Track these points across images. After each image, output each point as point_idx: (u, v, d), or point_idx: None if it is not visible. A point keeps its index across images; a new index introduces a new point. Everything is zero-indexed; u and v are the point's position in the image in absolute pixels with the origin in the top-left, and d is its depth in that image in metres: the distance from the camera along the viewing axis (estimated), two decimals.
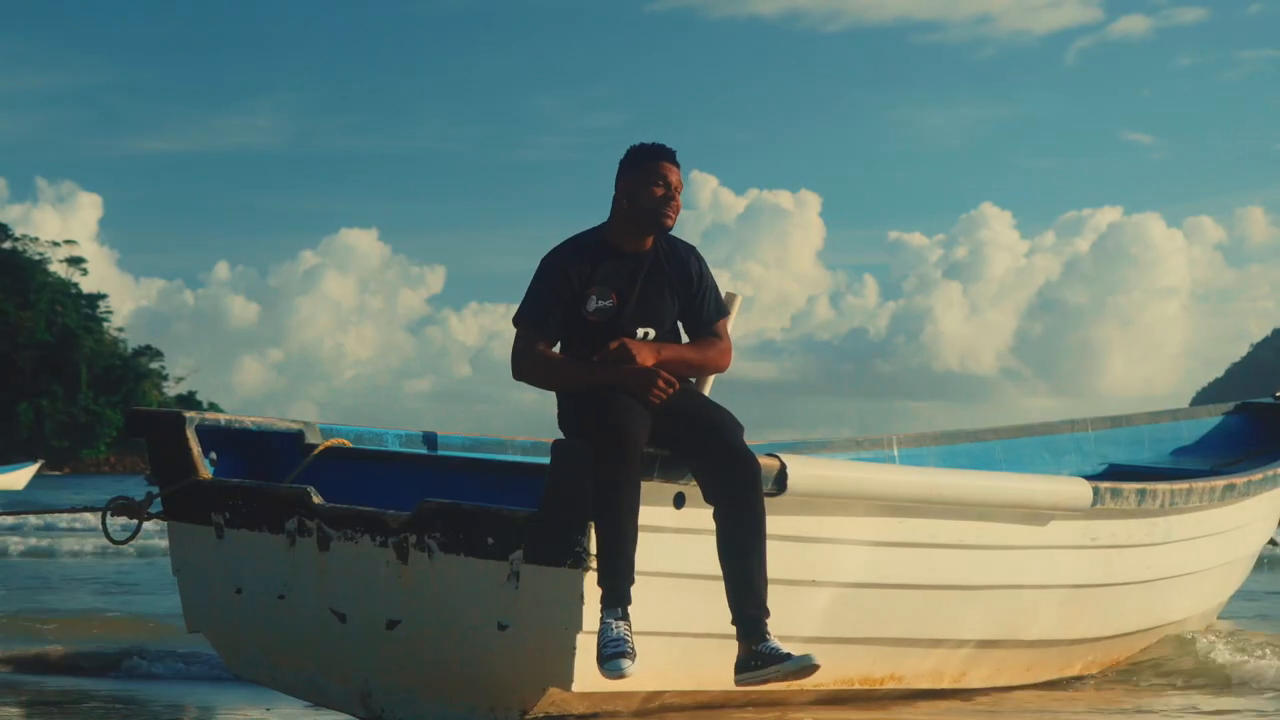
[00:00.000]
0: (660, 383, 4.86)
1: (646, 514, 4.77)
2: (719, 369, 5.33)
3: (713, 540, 4.88)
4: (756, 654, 4.78)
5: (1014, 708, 5.98)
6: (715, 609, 4.96)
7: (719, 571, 4.91)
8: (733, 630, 4.87)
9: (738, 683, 4.83)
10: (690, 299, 5.23)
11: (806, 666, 4.75)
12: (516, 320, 5.15)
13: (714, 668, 5.16)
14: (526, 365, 5.09)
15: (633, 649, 4.65)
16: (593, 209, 5.40)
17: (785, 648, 4.77)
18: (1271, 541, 8.43)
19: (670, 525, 4.89)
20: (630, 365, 4.90)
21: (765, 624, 4.80)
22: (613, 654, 4.64)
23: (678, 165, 5.19)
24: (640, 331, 5.13)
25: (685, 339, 5.27)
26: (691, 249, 5.29)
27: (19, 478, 54.13)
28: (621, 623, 4.67)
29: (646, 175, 5.15)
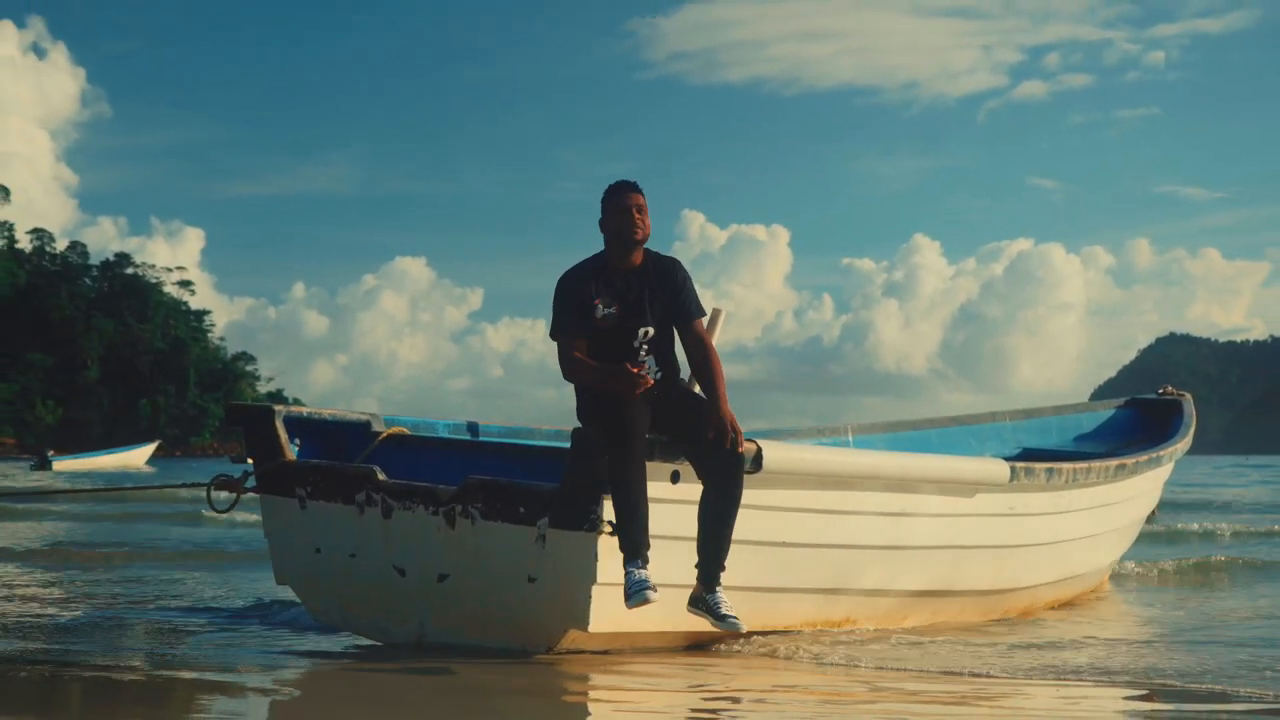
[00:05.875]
0: (640, 383, 4.81)
1: (647, 488, 4.76)
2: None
3: None
4: (705, 600, 4.88)
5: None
6: None
7: None
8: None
9: (688, 610, 4.92)
10: (674, 298, 5.19)
11: (733, 629, 4.90)
12: (553, 335, 5.14)
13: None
14: (571, 369, 5.06)
15: (654, 585, 4.68)
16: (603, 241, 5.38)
17: (726, 606, 4.85)
18: (1152, 513, 8.40)
19: (668, 497, 4.88)
20: (626, 373, 4.83)
21: (719, 578, 4.88)
22: (637, 589, 4.67)
23: (638, 190, 5.16)
24: (641, 330, 5.12)
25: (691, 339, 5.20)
26: (675, 260, 5.25)
27: (139, 455, 54.05)
28: (642, 570, 4.69)
29: (612, 206, 5.14)
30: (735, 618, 4.84)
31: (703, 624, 5.11)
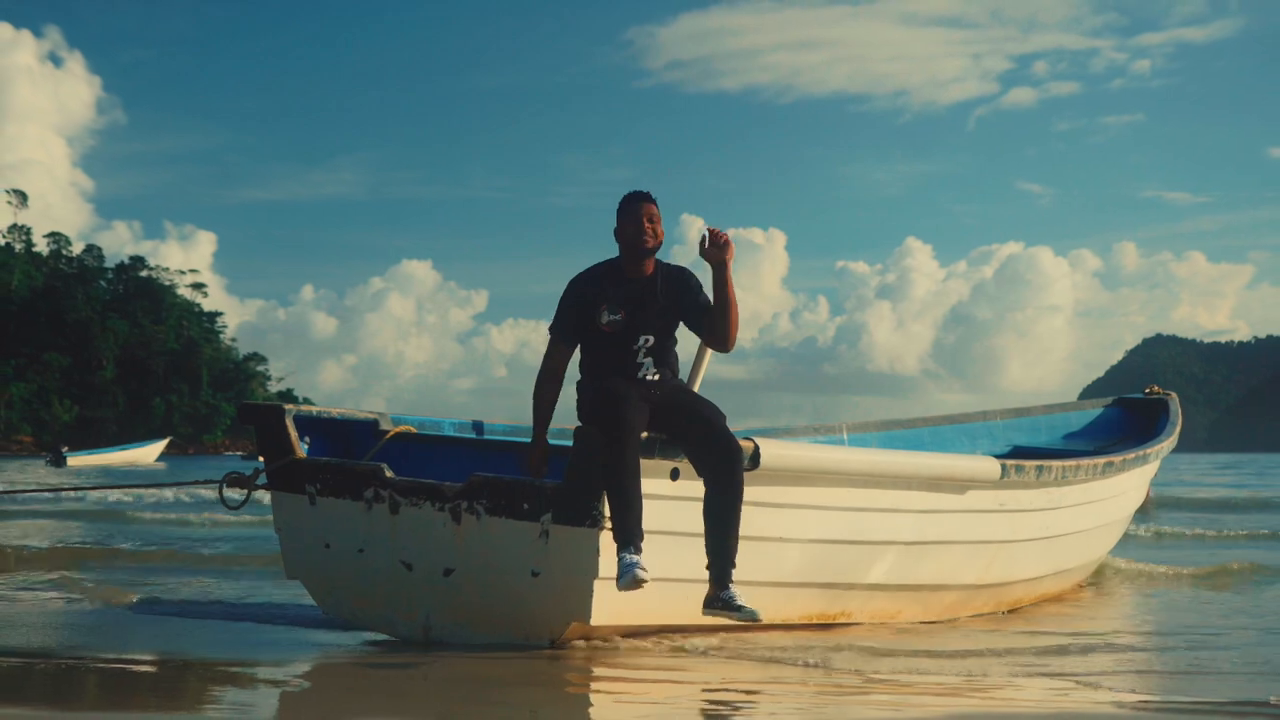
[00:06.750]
0: (531, 470, 5.06)
1: (648, 485, 4.76)
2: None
3: (701, 505, 4.87)
4: (719, 598, 4.81)
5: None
6: (703, 560, 4.95)
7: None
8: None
9: (704, 614, 4.87)
10: (694, 300, 5.19)
11: (751, 619, 4.82)
12: (550, 329, 5.20)
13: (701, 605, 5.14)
14: (541, 372, 5.18)
15: (645, 568, 4.63)
16: (606, 245, 5.41)
17: (740, 599, 4.80)
18: (1145, 507, 8.39)
19: (667, 494, 4.88)
20: (532, 451, 5.08)
21: (730, 574, 4.82)
22: (627, 568, 4.63)
23: (652, 201, 5.17)
24: (641, 338, 5.12)
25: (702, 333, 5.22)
26: (686, 270, 5.27)
27: (149, 452, 53.99)
28: (636, 555, 4.66)
29: (627, 216, 5.15)
30: (751, 608, 4.80)
31: (701, 615, 5.11)
